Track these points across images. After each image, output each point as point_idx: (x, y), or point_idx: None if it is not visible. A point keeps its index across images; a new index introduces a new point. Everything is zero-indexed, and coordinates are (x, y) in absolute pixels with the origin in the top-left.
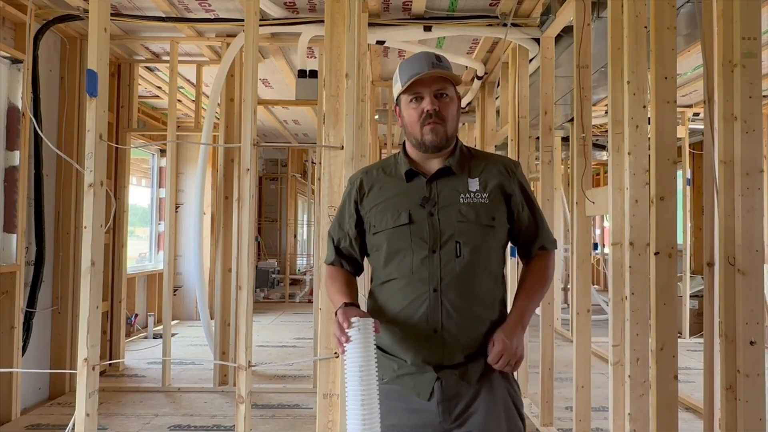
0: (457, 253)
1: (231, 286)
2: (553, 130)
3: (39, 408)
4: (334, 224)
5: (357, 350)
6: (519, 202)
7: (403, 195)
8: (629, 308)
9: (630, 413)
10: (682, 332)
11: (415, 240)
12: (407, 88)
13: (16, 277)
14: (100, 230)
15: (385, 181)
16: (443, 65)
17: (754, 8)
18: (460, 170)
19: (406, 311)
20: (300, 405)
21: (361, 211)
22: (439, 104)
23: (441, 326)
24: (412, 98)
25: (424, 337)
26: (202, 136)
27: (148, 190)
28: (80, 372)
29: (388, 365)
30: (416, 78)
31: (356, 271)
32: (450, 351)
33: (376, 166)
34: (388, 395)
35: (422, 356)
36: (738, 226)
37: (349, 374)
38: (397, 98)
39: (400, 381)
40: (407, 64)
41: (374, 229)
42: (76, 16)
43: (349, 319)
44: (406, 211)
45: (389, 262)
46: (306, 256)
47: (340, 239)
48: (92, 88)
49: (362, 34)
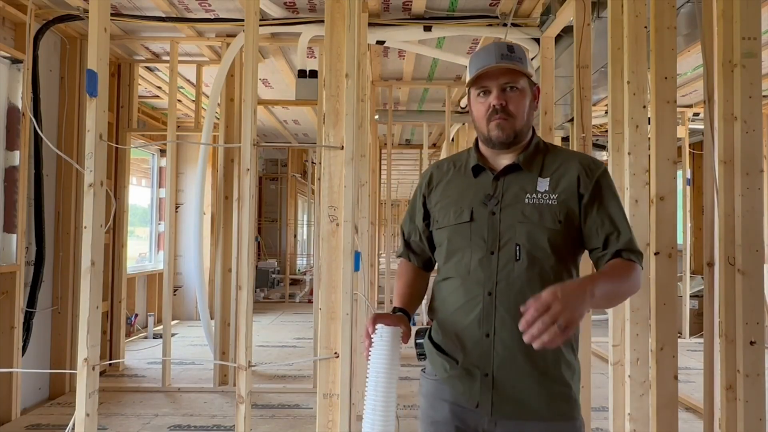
0: (517, 257)
1: (231, 286)
2: (553, 130)
3: (39, 408)
4: (405, 218)
5: (377, 356)
6: (591, 203)
7: (468, 191)
8: (629, 308)
9: (630, 413)
10: (682, 332)
11: (474, 239)
12: (474, 82)
13: (16, 277)
14: (100, 230)
15: (453, 175)
16: (515, 56)
17: (754, 8)
18: (530, 167)
19: (460, 312)
20: (300, 405)
21: (428, 205)
22: (508, 98)
23: (494, 331)
24: (480, 92)
25: (475, 341)
26: (202, 136)
27: (148, 190)
28: (80, 372)
29: (441, 364)
30: (482, 71)
31: (426, 265)
32: (500, 359)
33: (449, 159)
34: (440, 392)
35: (472, 360)
36: (738, 226)
37: (369, 378)
38: (468, 92)
39: (451, 383)
40: (477, 55)
41: (437, 225)
42: (76, 16)
43: (374, 325)
44: (468, 209)
45: (448, 260)
46: (306, 256)
47: (410, 233)
48: (92, 88)
49: (362, 34)
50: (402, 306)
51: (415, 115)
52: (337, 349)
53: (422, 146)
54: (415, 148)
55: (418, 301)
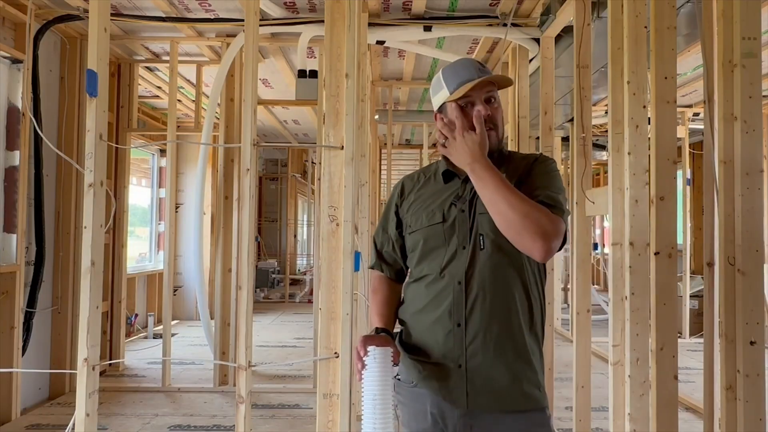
0: (481, 246)
1: (231, 286)
2: (553, 130)
3: (39, 408)
4: (378, 229)
5: (371, 379)
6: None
7: (440, 195)
8: (629, 308)
9: (630, 413)
10: (682, 332)
11: (447, 237)
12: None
13: (16, 277)
14: (100, 230)
15: (424, 183)
16: (486, 71)
17: (754, 8)
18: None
19: (431, 305)
20: (300, 405)
21: (400, 214)
22: (491, 109)
23: (464, 320)
24: (464, 105)
25: (447, 332)
26: (202, 136)
27: (148, 190)
28: (80, 372)
29: (414, 365)
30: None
31: (398, 276)
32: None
33: (419, 171)
34: (417, 399)
35: (444, 353)
36: (738, 226)
37: (365, 402)
38: (441, 105)
39: (426, 383)
40: (453, 70)
41: (410, 229)
42: (76, 16)
43: (365, 347)
44: (440, 210)
45: (422, 261)
46: (306, 256)
47: (383, 243)
48: (92, 88)
49: (362, 34)
50: (384, 326)
51: (415, 115)
52: (337, 349)
53: (422, 146)
54: (415, 148)
55: (396, 318)
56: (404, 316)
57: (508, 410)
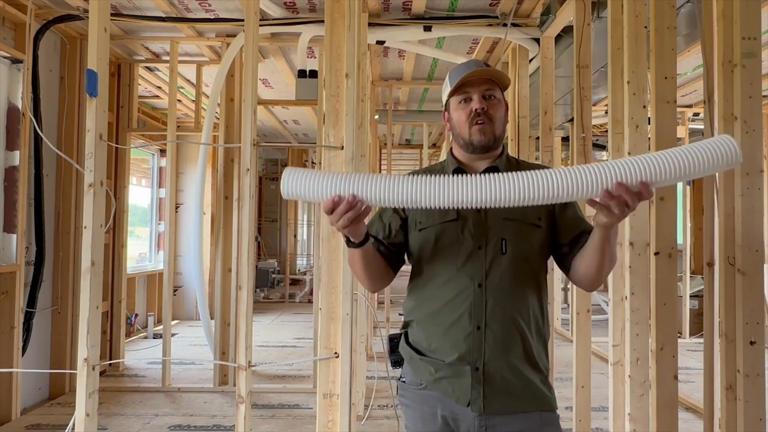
0: (503, 250)
1: (231, 286)
2: (553, 130)
3: (39, 408)
4: (372, 220)
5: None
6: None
7: None
8: (629, 308)
9: (630, 413)
10: (682, 332)
11: (462, 235)
12: (457, 90)
13: (16, 277)
14: (100, 230)
15: None
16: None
17: (754, 8)
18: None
19: (449, 307)
20: (300, 405)
21: (406, 211)
22: (488, 105)
23: (485, 323)
24: (462, 99)
25: (466, 334)
26: (202, 136)
27: (148, 190)
28: (80, 372)
29: (425, 368)
30: (466, 78)
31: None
32: (491, 351)
33: (423, 169)
34: (426, 401)
35: (461, 355)
36: (738, 226)
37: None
38: (446, 103)
39: (438, 385)
40: (456, 69)
41: (420, 225)
42: (76, 16)
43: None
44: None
45: (434, 258)
46: (306, 256)
47: (377, 231)
48: (92, 88)
49: (362, 34)
50: None
51: (415, 115)
52: (337, 349)
53: (422, 146)
54: (415, 148)
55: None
56: (415, 317)
57: (521, 411)
